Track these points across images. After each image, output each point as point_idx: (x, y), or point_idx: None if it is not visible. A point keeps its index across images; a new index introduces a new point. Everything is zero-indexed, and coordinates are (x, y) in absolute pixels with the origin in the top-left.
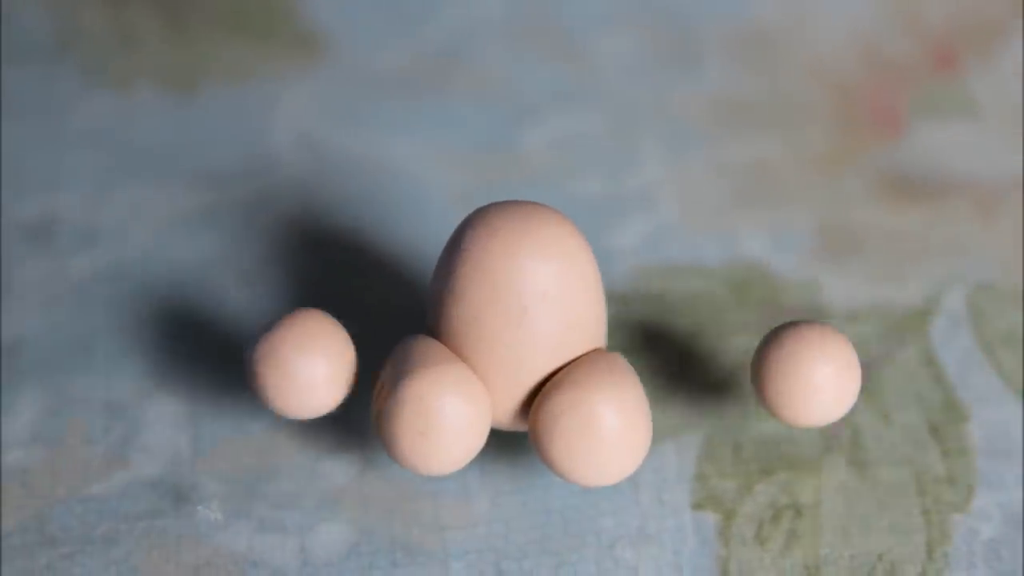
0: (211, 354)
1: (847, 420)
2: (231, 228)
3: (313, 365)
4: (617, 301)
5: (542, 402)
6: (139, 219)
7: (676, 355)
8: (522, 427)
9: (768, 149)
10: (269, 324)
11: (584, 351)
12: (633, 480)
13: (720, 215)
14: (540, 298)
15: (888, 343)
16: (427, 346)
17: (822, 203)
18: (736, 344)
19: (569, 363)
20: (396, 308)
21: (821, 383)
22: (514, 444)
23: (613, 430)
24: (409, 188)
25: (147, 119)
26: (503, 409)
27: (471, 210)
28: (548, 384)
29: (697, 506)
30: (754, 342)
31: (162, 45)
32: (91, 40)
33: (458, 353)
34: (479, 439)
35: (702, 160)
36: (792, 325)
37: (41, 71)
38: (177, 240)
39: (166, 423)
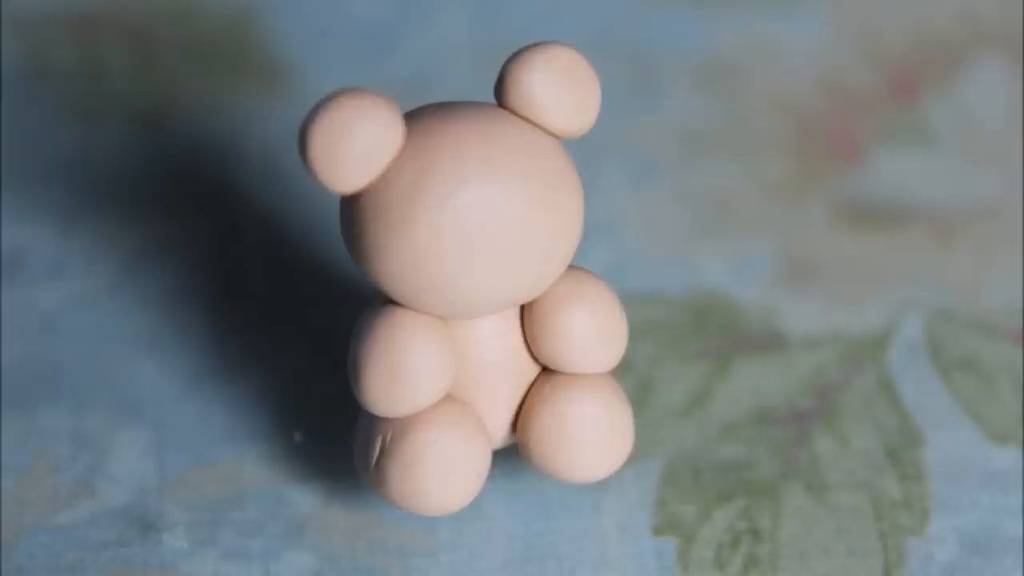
0: (177, 383)
1: (806, 446)
2: (198, 258)
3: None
4: None
5: (529, 409)
6: (107, 250)
7: (637, 382)
8: (512, 441)
9: (728, 178)
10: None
11: None
12: (594, 505)
13: (681, 243)
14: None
15: (846, 369)
16: None
17: (782, 231)
18: (696, 371)
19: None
20: None
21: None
22: None
23: (599, 425)
24: None
25: (115, 150)
26: (495, 430)
27: None
28: (532, 389)
29: (657, 531)
30: (714, 369)
31: (130, 77)
32: (60, 73)
33: None
34: (486, 469)
35: (663, 189)
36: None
37: (10, 103)
38: (145, 270)
39: (132, 452)
